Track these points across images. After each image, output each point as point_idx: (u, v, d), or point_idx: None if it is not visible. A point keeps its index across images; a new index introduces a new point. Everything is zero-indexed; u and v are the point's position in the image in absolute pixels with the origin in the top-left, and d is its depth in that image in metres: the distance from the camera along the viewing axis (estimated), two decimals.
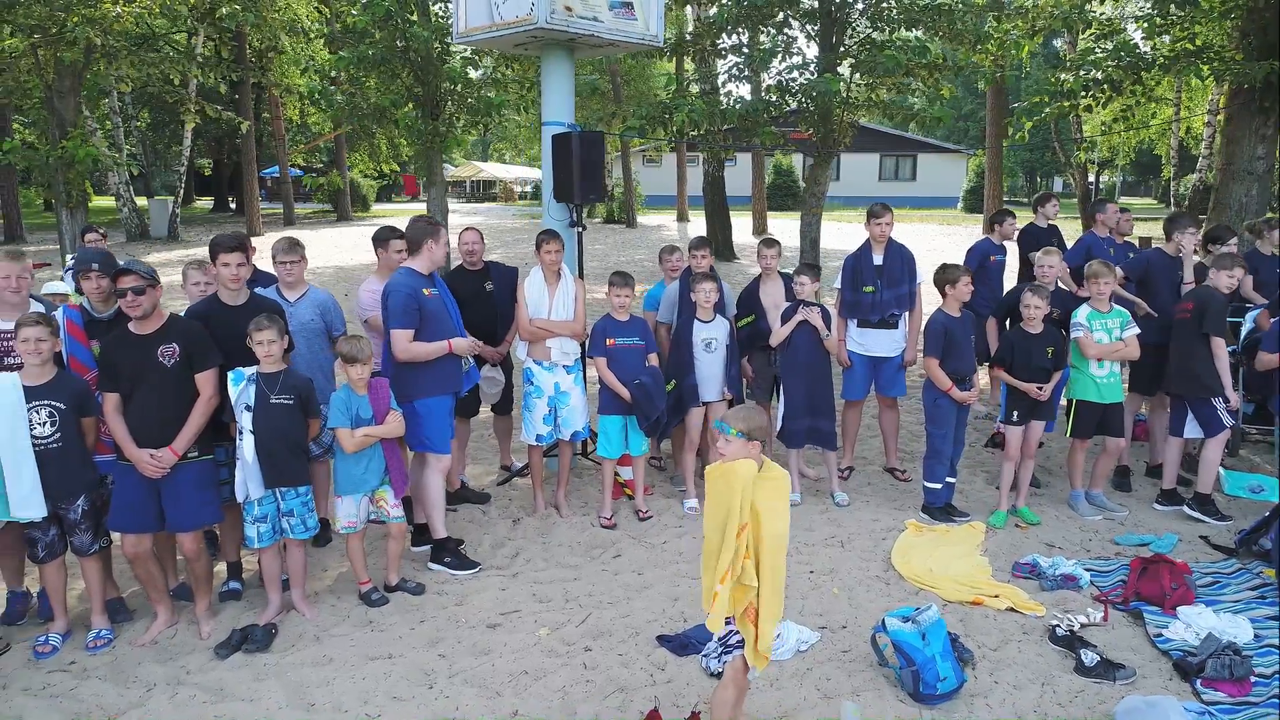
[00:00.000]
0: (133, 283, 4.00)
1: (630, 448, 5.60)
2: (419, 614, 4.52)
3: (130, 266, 4.07)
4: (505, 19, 5.72)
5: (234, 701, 3.77)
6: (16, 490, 3.92)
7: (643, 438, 5.61)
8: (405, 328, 4.63)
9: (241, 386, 4.18)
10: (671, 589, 4.75)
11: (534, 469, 5.74)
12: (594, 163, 5.79)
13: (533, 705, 3.74)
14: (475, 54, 9.71)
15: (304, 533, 4.38)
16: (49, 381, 3.98)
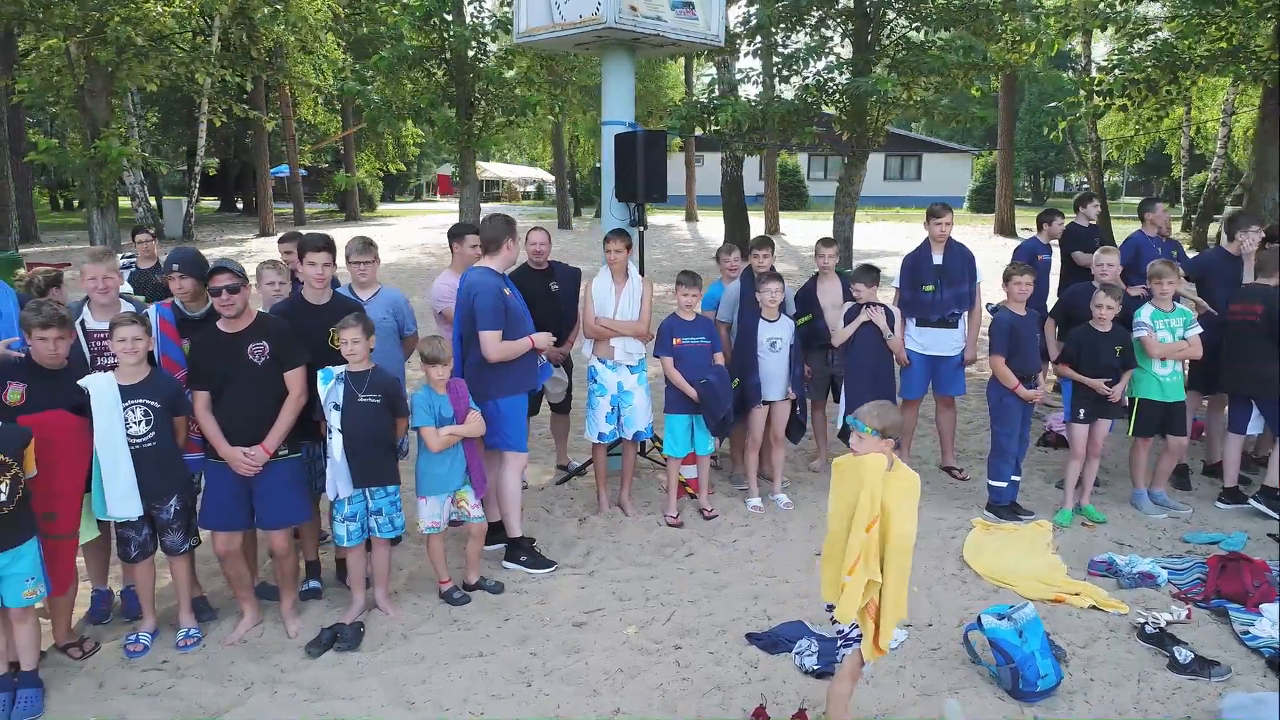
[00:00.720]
0: (227, 281, 4.02)
1: (696, 447, 5.61)
2: (503, 612, 4.53)
3: (224, 265, 4.08)
4: (567, 19, 5.74)
5: (334, 700, 3.78)
6: (113, 489, 3.92)
7: (708, 437, 5.62)
8: (496, 328, 4.65)
9: (330, 385, 4.19)
10: (750, 588, 4.77)
11: (598, 467, 5.75)
12: (657, 162, 5.80)
13: (633, 703, 3.75)
14: (509, 54, 9.69)
15: (391, 532, 4.39)
16: (143, 380, 3.99)
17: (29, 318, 3.82)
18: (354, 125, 32.98)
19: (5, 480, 3.53)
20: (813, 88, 8.95)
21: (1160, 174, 48.84)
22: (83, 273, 4.25)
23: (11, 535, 3.60)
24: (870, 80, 8.10)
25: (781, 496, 5.89)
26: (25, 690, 3.71)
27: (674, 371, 5.43)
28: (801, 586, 4.78)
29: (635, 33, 5.51)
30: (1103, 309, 5.30)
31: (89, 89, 10.84)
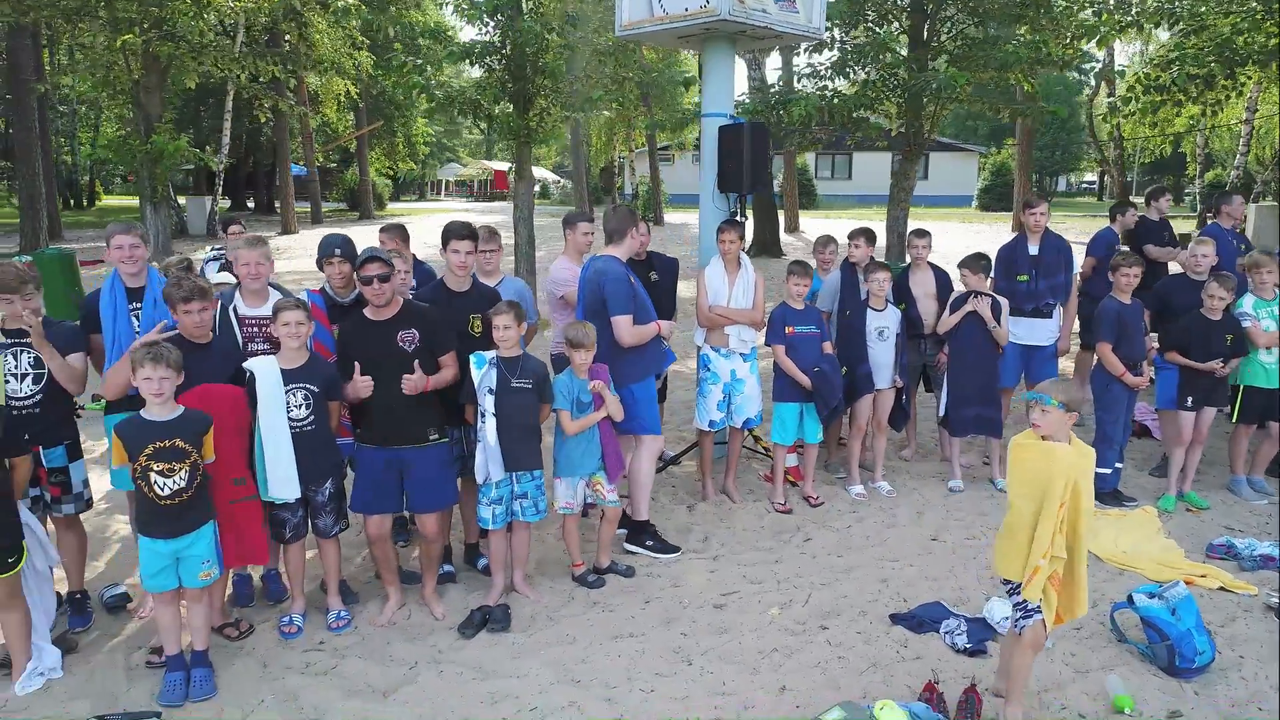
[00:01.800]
0: (378, 270, 4.07)
1: (804, 435, 5.68)
2: (640, 595, 4.59)
3: (375, 254, 4.14)
4: (670, 12, 5.79)
5: (503, 679, 3.84)
6: (275, 470, 3.98)
7: (817, 425, 5.68)
8: (627, 313, 4.72)
9: (484, 371, 4.24)
10: (877, 571, 4.84)
11: (704, 455, 5.82)
12: (762, 154, 5.87)
13: (796, 681, 3.81)
14: (569, 48, 9.75)
15: (535, 515, 4.45)
16: (304, 365, 4.04)
17: (172, 294, 3.88)
18: (368, 125, 33.05)
19: (186, 466, 3.58)
20: (877, 83, 9.03)
21: (1164, 173, 48.97)
22: (236, 258, 4.30)
23: (191, 519, 3.65)
24: (944, 75, 8.17)
25: (884, 484, 5.96)
26: (198, 670, 3.76)
27: (786, 360, 5.49)
28: (926, 569, 4.85)
29: (746, 24, 5.57)
30: (1214, 298, 5.37)
31: (144, 85, 10.87)
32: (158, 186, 11.05)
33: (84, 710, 3.60)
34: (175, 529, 3.62)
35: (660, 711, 3.61)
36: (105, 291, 4.15)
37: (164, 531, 3.61)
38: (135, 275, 4.16)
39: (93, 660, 3.98)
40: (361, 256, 4.15)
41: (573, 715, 3.59)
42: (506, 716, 3.59)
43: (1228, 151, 34.44)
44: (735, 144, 5.80)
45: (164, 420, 3.58)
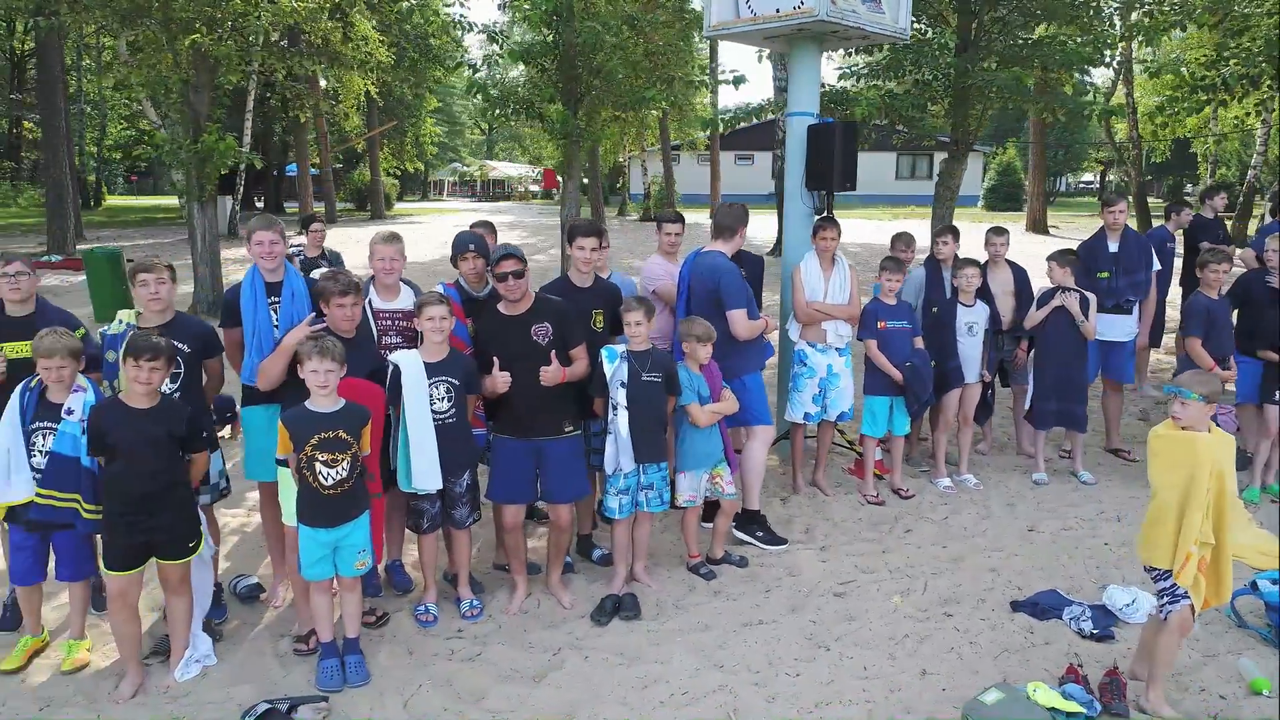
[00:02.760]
0: (513, 266, 4.15)
1: (894, 428, 5.77)
2: (760, 584, 4.68)
3: (511, 250, 4.22)
4: (759, 13, 5.88)
5: (648, 664, 3.93)
6: (419, 462, 4.06)
7: (906, 418, 5.78)
8: (743, 307, 4.82)
9: (615, 364, 4.33)
10: (984, 561, 4.94)
11: (796, 448, 5.91)
12: (850, 152, 5.97)
13: (935, 665, 3.91)
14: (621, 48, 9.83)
15: (659, 506, 4.54)
16: (445, 359, 4.12)
17: (328, 287, 3.94)
18: (380, 125, 33.13)
19: (347, 457, 3.67)
20: (932, 83, 9.14)
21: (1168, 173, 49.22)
22: (371, 253, 4.38)
23: (350, 509, 3.74)
24: (1009, 74, 8.29)
25: (969, 477, 6.06)
26: (351, 656, 3.84)
27: (879, 354, 5.59)
28: (1032, 559, 4.95)
29: (841, 25, 5.66)
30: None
31: (193, 84, 10.92)
32: (206, 186, 11.07)
33: (247, 696, 3.68)
34: (335, 518, 3.70)
35: (810, 695, 3.70)
36: (245, 286, 4.22)
37: (324, 521, 3.69)
38: (274, 270, 4.24)
39: (240, 649, 4.06)
40: (497, 253, 4.23)
41: (724, 698, 3.68)
42: (661, 700, 3.68)
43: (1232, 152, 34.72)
44: (826, 143, 5.89)
45: (328, 412, 3.66)
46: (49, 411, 3.75)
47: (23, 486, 3.72)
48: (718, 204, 27.13)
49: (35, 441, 3.75)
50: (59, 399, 3.75)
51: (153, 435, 3.54)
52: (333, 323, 3.93)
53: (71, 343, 3.78)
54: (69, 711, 3.58)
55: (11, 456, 3.73)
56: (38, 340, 3.73)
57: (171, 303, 4.07)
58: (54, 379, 3.71)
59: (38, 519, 3.71)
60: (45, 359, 3.66)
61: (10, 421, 3.73)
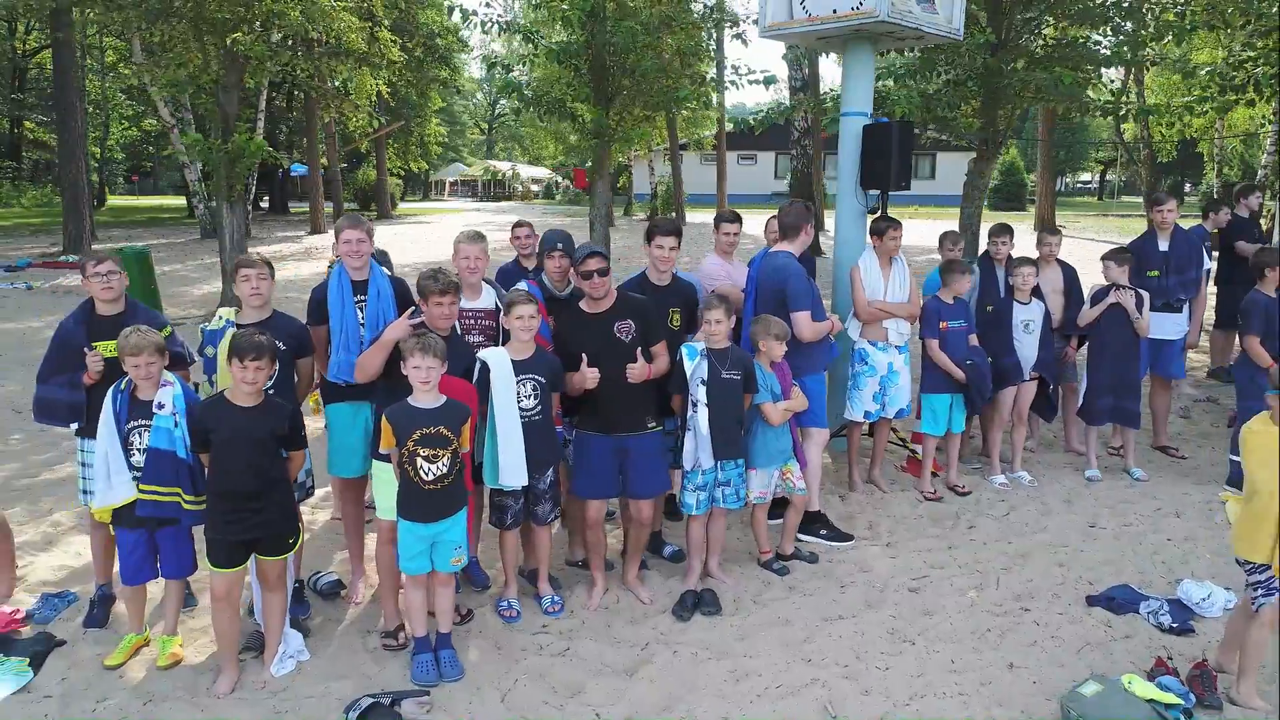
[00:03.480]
0: (598, 264, 4.19)
1: (952, 425, 5.82)
2: (832, 580, 4.73)
3: (595, 249, 4.26)
4: (815, 14, 5.93)
5: (737, 658, 3.97)
6: (507, 458, 4.09)
7: (963, 416, 5.82)
8: (807, 309, 4.86)
9: (696, 362, 4.37)
10: (1051, 557, 4.99)
11: (854, 445, 5.95)
12: (907, 151, 6.02)
13: (1021, 659, 3.96)
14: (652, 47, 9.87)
15: (735, 503, 4.58)
16: (532, 357, 4.16)
17: (429, 285, 3.97)
18: (387, 125, 33.10)
19: (448, 453, 3.70)
20: (968, 83, 9.18)
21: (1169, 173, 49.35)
22: (456, 251, 4.42)
23: (449, 505, 3.77)
24: (1051, 74, 8.35)
25: (1023, 474, 6.11)
26: (444, 652, 3.88)
27: (941, 354, 5.63)
28: (1099, 555, 5.00)
29: (898, 25, 5.71)
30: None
31: (223, 83, 10.95)
32: (235, 186, 11.09)
33: (345, 690, 3.71)
34: (435, 514, 3.74)
35: (902, 688, 3.74)
36: (333, 284, 4.25)
37: (424, 515, 3.73)
38: (360, 269, 4.27)
39: (330, 644, 4.09)
40: (582, 251, 4.27)
41: (818, 691, 3.73)
42: (756, 693, 3.72)
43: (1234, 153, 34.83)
44: (883, 142, 5.94)
45: (430, 408, 3.70)
46: (141, 410, 3.78)
47: (123, 488, 3.76)
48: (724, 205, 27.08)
49: (133, 441, 3.78)
50: (148, 396, 3.78)
51: (257, 433, 3.58)
52: (430, 320, 3.95)
53: (156, 339, 3.81)
54: (171, 706, 3.61)
55: (110, 459, 3.76)
56: (123, 339, 3.75)
57: (270, 299, 4.11)
58: (142, 375, 3.74)
59: (144, 515, 3.75)
60: (133, 356, 3.68)
61: (106, 425, 3.76)
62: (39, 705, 3.62)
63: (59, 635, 4.11)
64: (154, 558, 3.94)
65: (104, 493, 3.77)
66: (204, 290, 14.27)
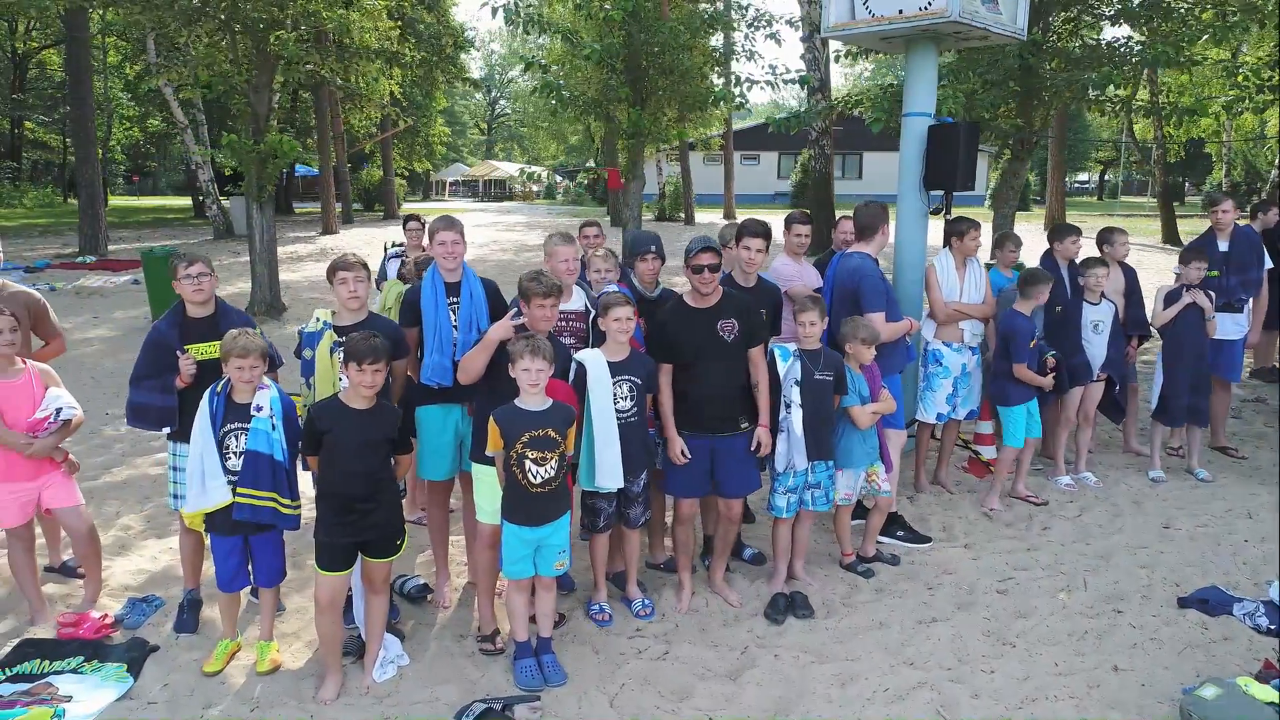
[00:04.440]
0: (710, 260, 4.15)
1: (1029, 431, 5.75)
2: (919, 582, 4.71)
3: (709, 244, 4.21)
4: (883, 14, 5.91)
5: (839, 661, 3.95)
6: (604, 460, 4.05)
7: (1037, 422, 5.74)
8: (882, 310, 4.84)
9: (789, 363, 4.35)
10: (1132, 558, 4.97)
11: (923, 447, 5.92)
12: (973, 152, 6.00)
13: (1124, 661, 3.94)
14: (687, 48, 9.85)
15: (824, 505, 4.56)
16: (627, 358, 4.13)
17: (532, 287, 3.92)
18: (394, 126, 33.04)
19: (555, 456, 3.67)
20: (1010, 84, 9.18)
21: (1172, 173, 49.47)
22: (549, 254, 4.39)
23: (555, 509, 3.74)
24: (1101, 74, 8.34)
25: (1089, 475, 6.10)
26: (546, 656, 3.85)
27: (1030, 374, 5.48)
28: (1180, 555, 4.99)
29: (970, 26, 5.69)
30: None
31: (254, 83, 10.90)
32: (266, 186, 11.04)
33: (451, 695, 3.69)
34: (541, 517, 3.71)
35: (1012, 691, 3.72)
36: (426, 286, 4.22)
37: (530, 519, 3.70)
38: (453, 271, 4.24)
39: (428, 649, 4.06)
40: (696, 245, 4.20)
41: (928, 695, 3.71)
42: (866, 697, 3.70)
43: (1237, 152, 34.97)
44: (949, 143, 5.92)
45: (538, 410, 3.67)
46: (237, 412, 3.74)
47: (218, 492, 3.72)
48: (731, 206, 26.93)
49: (229, 444, 3.74)
50: (245, 399, 3.75)
51: (371, 437, 3.55)
52: (532, 322, 3.91)
53: (262, 342, 3.79)
54: (279, 712, 3.58)
55: (205, 463, 3.72)
56: (231, 340, 3.72)
57: (367, 301, 4.07)
58: (245, 378, 3.71)
59: (240, 519, 3.71)
60: (240, 358, 3.65)
61: (202, 428, 3.72)
62: (146, 712, 3.58)
63: (151, 641, 4.08)
64: (248, 564, 3.91)
65: (198, 496, 3.73)
66: (229, 291, 14.19)
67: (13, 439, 3.95)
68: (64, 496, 4.18)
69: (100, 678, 3.78)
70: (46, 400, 4.09)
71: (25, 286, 4.64)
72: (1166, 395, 5.98)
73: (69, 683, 3.75)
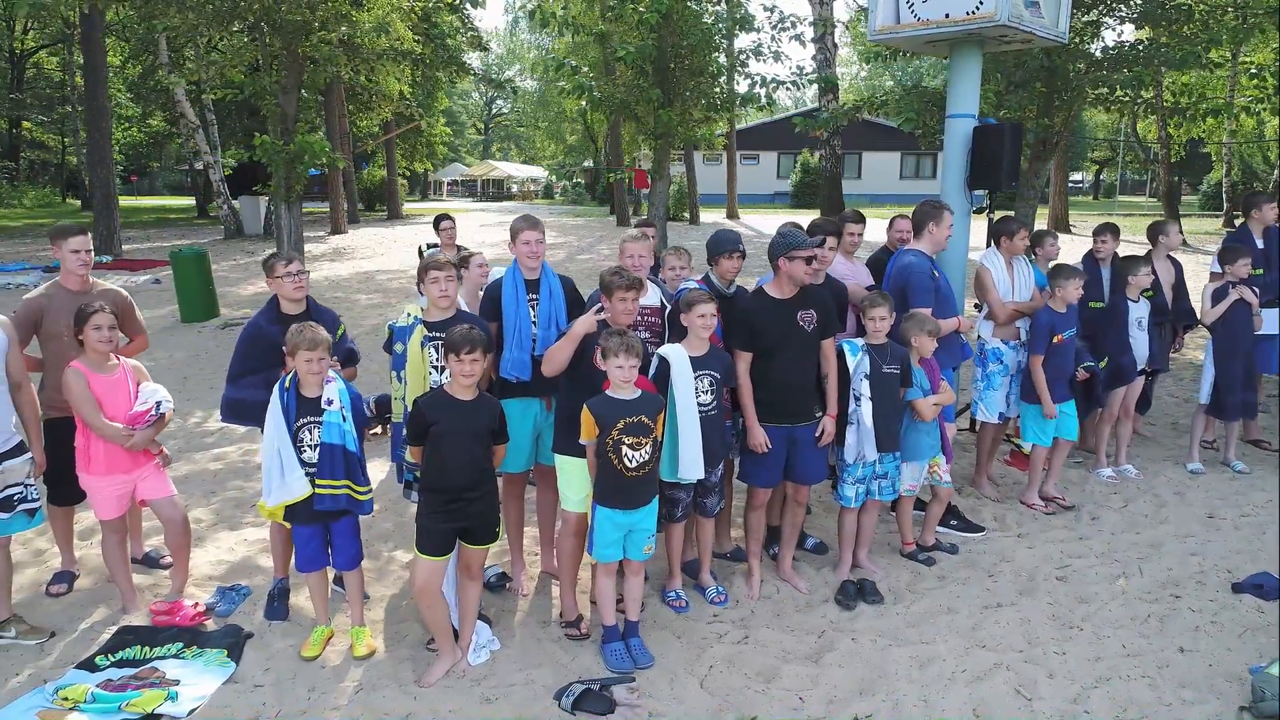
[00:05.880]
0: (807, 253, 4.27)
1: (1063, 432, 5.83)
2: (980, 570, 4.85)
3: (818, 234, 4.34)
4: (929, 18, 6.05)
5: (914, 645, 4.09)
6: (686, 453, 4.18)
7: (1075, 424, 5.83)
8: (927, 306, 4.98)
9: (858, 357, 4.49)
10: (1182, 546, 5.13)
11: (985, 446, 5.98)
12: (1016, 152, 6.15)
13: (1189, 643, 4.09)
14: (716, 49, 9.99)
15: (890, 494, 4.71)
16: (707, 353, 4.26)
17: (614, 281, 4.04)
18: (399, 126, 33.11)
19: (649, 442, 3.81)
20: (1036, 85, 9.35)
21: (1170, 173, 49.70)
22: (622, 250, 4.52)
23: (647, 494, 3.88)
24: (1133, 73, 8.52)
25: (1129, 467, 6.25)
26: (634, 640, 3.99)
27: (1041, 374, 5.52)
28: (1228, 544, 5.15)
29: (1017, 29, 5.84)
30: None
31: (283, 84, 11.00)
32: (295, 186, 11.15)
33: (546, 678, 3.82)
34: (635, 501, 3.84)
35: (1085, 672, 3.87)
36: (507, 282, 4.35)
37: (624, 503, 3.83)
38: (533, 269, 4.37)
39: (515, 634, 4.19)
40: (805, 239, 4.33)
41: (1005, 675, 3.85)
42: (946, 677, 3.83)
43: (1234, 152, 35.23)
44: (994, 143, 6.06)
45: (630, 399, 3.81)
46: (308, 407, 3.87)
47: (299, 484, 3.84)
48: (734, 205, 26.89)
49: (302, 438, 3.86)
50: (313, 393, 3.87)
51: (475, 427, 3.68)
52: (614, 316, 4.05)
53: (327, 335, 3.91)
54: (383, 695, 3.70)
55: (283, 457, 3.84)
56: (296, 334, 3.82)
57: (456, 299, 4.20)
58: (314, 370, 3.82)
59: (321, 509, 3.84)
60: (309, 350, 3.77)
61: (275, 423, 3.84)
62: (254, 695, 3.70)
63: (244, 628, 4.20)
64: (327, 548, 4.04)
65: (279, 489, 3.85)
66: (251, 290, 14.29)
67: (114, 432, 4.07)
68: (160, 488, 4.30)
69: (203, 663, 3.90)
70: (144, 394, 4.21)
71: (113, 285, 4.74)
72: (1222, 390, 6.11)
73: (173, 667, 3.87)
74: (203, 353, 10.25)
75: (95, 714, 3.53)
